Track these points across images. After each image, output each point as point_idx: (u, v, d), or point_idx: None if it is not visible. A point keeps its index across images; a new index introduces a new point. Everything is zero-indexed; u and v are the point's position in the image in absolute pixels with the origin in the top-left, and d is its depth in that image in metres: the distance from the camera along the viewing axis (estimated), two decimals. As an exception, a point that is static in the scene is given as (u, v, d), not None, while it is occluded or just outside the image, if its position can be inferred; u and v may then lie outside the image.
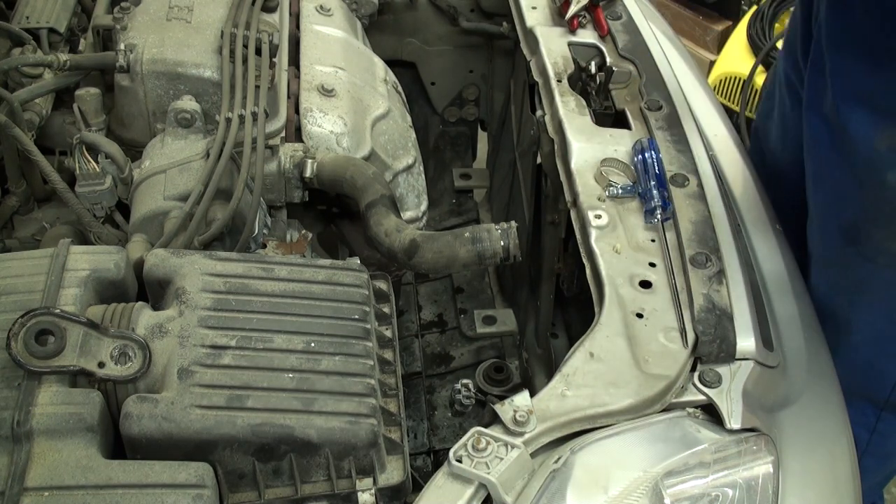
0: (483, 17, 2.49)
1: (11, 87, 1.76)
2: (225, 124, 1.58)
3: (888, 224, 1.65)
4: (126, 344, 1.21)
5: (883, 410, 1.93)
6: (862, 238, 1.68)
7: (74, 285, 1.29)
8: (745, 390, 1.34)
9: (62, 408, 1.15)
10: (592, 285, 1.48)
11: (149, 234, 1.53)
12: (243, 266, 1.36)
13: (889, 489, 2.82)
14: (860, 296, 1.76)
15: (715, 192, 1.62)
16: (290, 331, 1.29)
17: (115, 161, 1.61)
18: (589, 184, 1.62)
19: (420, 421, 2.17)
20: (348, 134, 1.75)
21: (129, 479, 1.12)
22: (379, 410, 1.25)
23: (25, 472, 1.10)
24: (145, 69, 1.71)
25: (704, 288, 1.44)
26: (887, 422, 1.95)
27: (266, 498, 1.22)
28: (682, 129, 1.73)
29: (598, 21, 2.00)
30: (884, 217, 1.64)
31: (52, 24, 1.93)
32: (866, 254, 1.69)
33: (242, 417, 1.18)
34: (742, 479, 1.26)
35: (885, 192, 1.60)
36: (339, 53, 1.96)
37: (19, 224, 1.75)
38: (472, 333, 2.26)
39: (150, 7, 1.84)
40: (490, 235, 1.56)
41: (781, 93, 1.96)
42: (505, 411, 1.25)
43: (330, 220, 1.85)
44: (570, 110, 1.77)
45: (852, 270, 1.73)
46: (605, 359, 1.34)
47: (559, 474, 1.21)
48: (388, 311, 1.46)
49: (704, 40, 4.02)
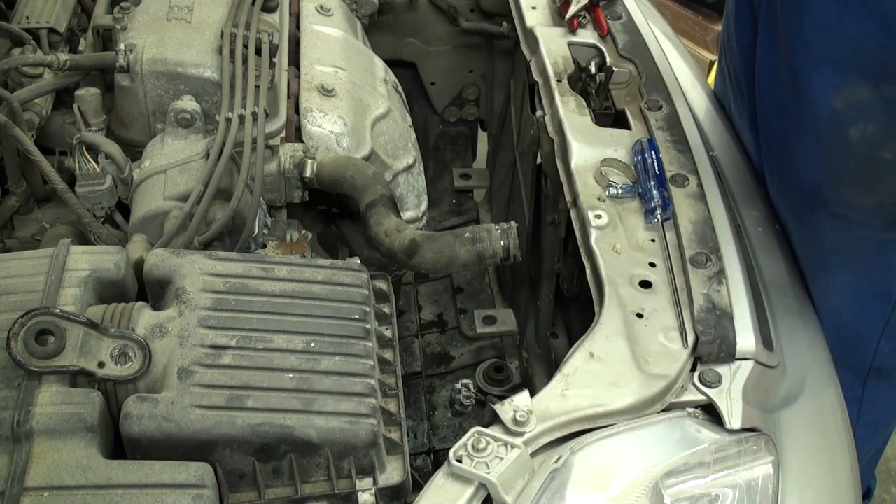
0: (483, 17, 2.49)
1: (11, 87, 1.76)
2: (225, 124, 1.58)
3: (854, 180, 1.65)
4: (126, 344, 1.21)
5: (867, 377, 1.94)
6: (829, 199, 1.68)
7: (74, 285, 1.29)
8: (745, 390, 1.34)
9: (62, 408, 1.15)
10: (592, 285, 1.48)
11: (149, 234, 1.54)
12: (243, 266, 1.36)
13: (889, 489, 2.82)
14: (836, 257, 1.75)
15: (715, 192, 1.62)
16: (290, 331, 1.29)
17: (115, 161, 1.61)
18: (589, 184, 1.62)
19: (420, 421, 2.17)
20: (348, 134, 1.75)
21: (129, 479, 1.12)
22: (379, 410, 1.25)
23: (25, 472, 1.10)
24: (145, 69, 1.71)
25: (704, 288, 1.44)
26: (872, 388, 1.96)
27: (266, 498, 1.22)
28: (682, 129, 1.73)
29: (598, 21, 2.00)
30: (849, 174, 1.64)
31: (52, 24, 1.94)
32: (837, 212, 1.69)
33: (242, 417, 1.18)
34: (742, 479, 1.26)
35: (849, 149, 1.60)
36: (339, 53, 1.96)
37: (19, 224, 1.75)
38: (472, 333, 2.27)
39: (150, 7, 1.84)
40: (490, 235, 1.57)
41: (733, 64, 1.95)
42: (505, 411, 1.26)
43: (330, 220, 1.85)
44: (570, 110, 1.77)
45: (824, 233, 1.73)
46: (605, 359, 1.34)
47: (559, 474, 1.21)
48: (388, 311, 1.46)
49: (704, 40, 4.02)
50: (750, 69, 1.82)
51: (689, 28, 4.04)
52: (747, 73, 1.85)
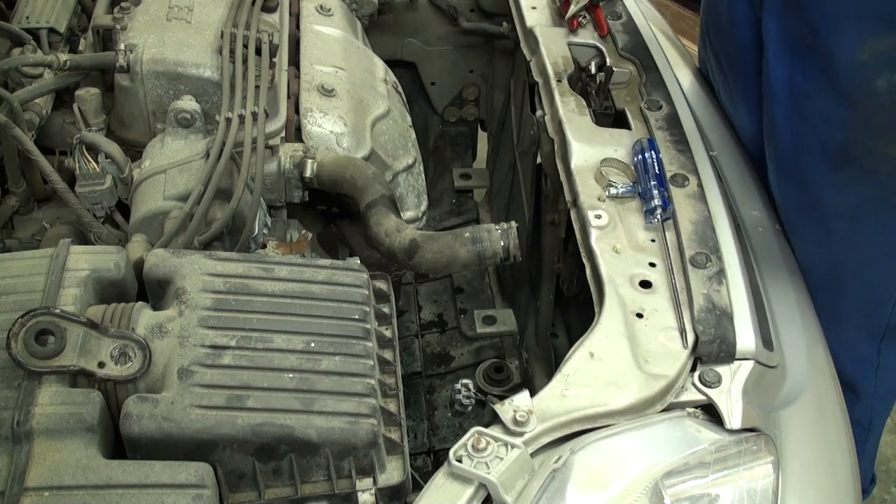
0: (483, 17, 2.49)
1: (11, 87, 1.76)
2: (225, 124, 1.59)
3: (885, 131, 1.66)
4: (126, 344, 1.21)
5: (882, 341, 1.95)
6: (858, 155, 1.69)
7: (74, 285, 1.29)
8: (745, 390, 1.34)
9: (62, 408, 1.15)
10: (592, 285, 1.48)
11: (149, 234, 1.54)
12: (243, 266, 1.36)
13: (889, 489, 2.82)
14: (867, 213, 1.77)
15: (715, 192, 1.62)
16: (290, 331, 1.29)
17: (115, 161, 1.60)
18: (589, 184, 1.62)
19: (420, 421, 2.17)
20: (348, 134, 1.75)
21: (129, 479, 1.12)
22: (379, 410, 1.25)
23: (25, 472, 1.10)
24: (145, 69, 1.71)
25: (704, 288, 1.44)
26: (887, 354, 1.97)
27: (266, 498, 1.22)
28: (682, 129, 1.73)
29: (598, 21, 2.00)
30: (879, 125, 1.66)
31: (52, 24, 1.94)
32: (866, 167, 1.70)
33: (242, 417, 1.18)
34: (742, 479, 1.26)
35: (877, 99, 1.61)
36: (339, 53, 1.96)
37: (19, 224, 1.75)
38: (472, 333, 2.27)
39: (150, 7, 1.84)
40: (490, 235, 1.56)
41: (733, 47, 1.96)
42: (505, 411, 1.26)
43: (330, 220, 1.85)
44: (570, 110, 1.77)
45: (852, 191, 1.74)
46: (605, 359, 1.34)
47: (559, 474, 1.21)
48: (388, 311, 1.46)
49: (704, 40, 4.02)
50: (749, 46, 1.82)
51: (689, 28, 4.03)
52: (745, 52, 1.86)
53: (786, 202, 1.81)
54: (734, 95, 1.96)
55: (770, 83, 1.76)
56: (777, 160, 1.80)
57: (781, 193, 1.82)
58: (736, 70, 1.93)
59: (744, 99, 1.91)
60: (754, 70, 1.83)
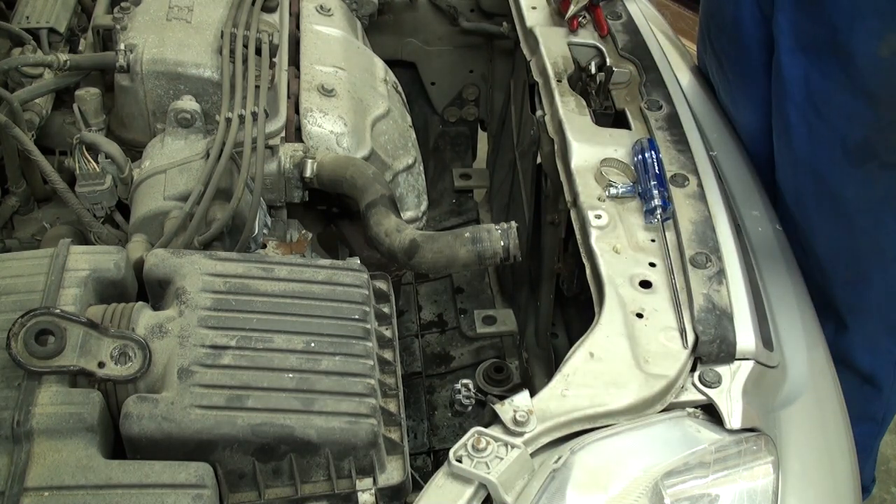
0: (483, 17, 2.49)
1: (11, 87, 1.76)
2: (225, 124, 1.58)
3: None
4: (126, 344, 1.21)
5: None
6: (879, 149, 1.70)
7: (74, 285, 1.29)
8: (745, 390, 1.34)
9: (62, 408, 1.15)
10: (592, 285, 1.48)
11: (149, 234, 1.53)
12: (243, 266, 1.36)
13: (889, 489, 2.82)
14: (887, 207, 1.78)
15: (715, 192, 1.62)
16: (290, 331, 1.29)
17: (115, 161, 1.60)
18: (589, 184, 1.62)
19: (420, 421, 2.17)
20: (348, 134, 1.75)
21: (129, 479, 1.12)
22: (379, 410, 1.25)
23: (25, 472, 1.10)
24: (145, 69, 1.71)
25: (704, 288, 1.44)
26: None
27: (266, 498, 1.22)
28: (682, 129, 1.73)
29: (598, 21, 2.00)
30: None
31: (52, 24, 1.94)
32: (887, 161, 1.71)
33: (242, 417, 1.18)
34: (742, 479, 1.26)
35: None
36: (339, 53, 1.96)
37: (19, 224, 1.75)
38: (472, 333, 2.27)
39: (150, 7, 1.84)
40: (490, 235, 1.56)
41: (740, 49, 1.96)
42: (505, 411, 1.26)
43: (330, 220, 1.85)
44: (570, 110, 1.77)
45: (874, 186, 1.75)
46: (605, 359, 1.34)
47: (559, 474, 1.21)
48: (388, 311, 1.46)
49: (704, 40, 4.02)
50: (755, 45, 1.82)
51: (689, 28, 4.03)
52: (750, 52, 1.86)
53: (802, 199, 1.81)
54: (736, 95, 1.96)
55: (783, 81, 1.76)
56: (792, 157, 1.80)
57: (797, 191, 1.81)
58: (739, 69, 1.93)
59: (746, 98, 1.91)
60: (759, 69, 1.83)
